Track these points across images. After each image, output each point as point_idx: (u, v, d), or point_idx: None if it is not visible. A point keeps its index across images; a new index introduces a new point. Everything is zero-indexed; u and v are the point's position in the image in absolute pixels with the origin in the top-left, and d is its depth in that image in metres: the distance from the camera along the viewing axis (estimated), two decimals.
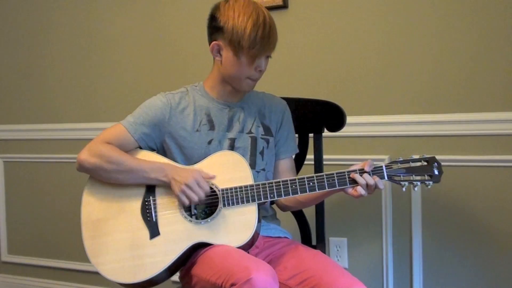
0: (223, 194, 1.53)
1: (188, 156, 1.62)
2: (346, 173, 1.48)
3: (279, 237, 1.67)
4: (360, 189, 1.46)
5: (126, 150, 1.61)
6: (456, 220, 2.02)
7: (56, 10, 2.75)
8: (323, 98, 1.85)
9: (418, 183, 1.48)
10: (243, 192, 1.52)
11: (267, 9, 1.59)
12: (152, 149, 1.66)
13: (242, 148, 1.63)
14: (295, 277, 1.48)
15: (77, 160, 1.61)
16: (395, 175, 1.48)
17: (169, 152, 1.64)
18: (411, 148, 2.05)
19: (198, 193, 1.50)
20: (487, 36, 1.94)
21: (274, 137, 1.69)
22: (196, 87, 1.69)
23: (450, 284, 2.05)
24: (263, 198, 1.52)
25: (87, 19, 2.69)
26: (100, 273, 1.56)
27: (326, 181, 1.49)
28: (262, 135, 1.67)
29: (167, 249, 1.52)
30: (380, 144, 2.12)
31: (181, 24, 2.47)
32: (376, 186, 1.46)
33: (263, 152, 1.65)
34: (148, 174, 1.55)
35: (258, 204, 1.52)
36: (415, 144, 2.05)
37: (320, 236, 1.82)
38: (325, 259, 1.53)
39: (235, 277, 1.32)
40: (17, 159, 2.92)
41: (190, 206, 1.55)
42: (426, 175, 1.48)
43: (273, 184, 1.52)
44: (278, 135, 1.71)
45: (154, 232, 1.55)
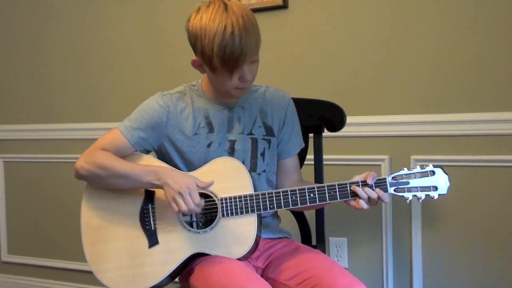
0: (222, 203, 1.50)
1: (187, 160, 1.59)
2: (348, 185, 1.44)
3: (279, 237, 1.67)
4: (362, 203, 1.41)
5: (123, 155, 1.57)
6: (456, 220, 2.02)
7: (56, 11, 2.75)
8: (323, 98, 1.84)
9: (423, 196, 1.41)
10: (242, 202, 1.49)
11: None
12: (149, 152, 1.63)
13: (242, 151, 1.60)
14: (295, 277, 1.47)
15: (74, 168, 1.59)
16: (399, 188, 1.42)
17: (167, 156, 1.61)
18: (411, 148, 2.05)
19: (188, 203, 1.43)
20: (487, 36, 1.94)
21: (276, 136, 1.65)
22: (194, 86, 1.64)
23: (450, 284, 2.05)
24: (262, 209, 1.48)
25: (86, 19, 2.68)
26: (100, 280, 1.55)
27: (327, 193, 1.45)
28: (264, 135, 1.63)
29: (166, 258, 1.51)
30: (380, 144, 2.11)
31: (181, 24, 2.45)
32: (380, 199, 1.41)
33: (264, 154, 1.62)
34: (141, 178, 1.50)
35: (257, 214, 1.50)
36: (415, 144, 2.05)
37: (320, 236, 1.82)
38: (325, 259, 1.53)
39: None
40: (17, 159, 2.91)
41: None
42: (431, 188, 1.41)
43: (273, 195, 1.48)
44: (281, 134, 1.66)
45: (153, 241, 1.53)
